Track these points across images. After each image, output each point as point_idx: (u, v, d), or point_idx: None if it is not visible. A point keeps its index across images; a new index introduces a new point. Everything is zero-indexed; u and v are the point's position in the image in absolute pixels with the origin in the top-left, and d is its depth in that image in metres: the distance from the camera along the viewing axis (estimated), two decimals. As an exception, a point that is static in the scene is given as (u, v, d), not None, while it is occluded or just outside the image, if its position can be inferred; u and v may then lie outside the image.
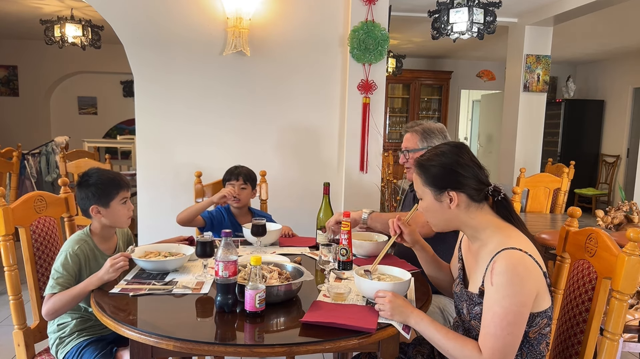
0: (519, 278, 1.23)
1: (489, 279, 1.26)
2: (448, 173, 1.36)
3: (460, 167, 1.36)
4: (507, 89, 5.63)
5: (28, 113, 7.96)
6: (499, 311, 1.22)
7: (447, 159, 1.38)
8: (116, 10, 3.23)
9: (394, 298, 1.37)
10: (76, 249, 1.74)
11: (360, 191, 3.49)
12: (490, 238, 1.35)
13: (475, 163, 1.38)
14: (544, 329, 1.33)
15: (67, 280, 1.69)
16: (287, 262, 1.75)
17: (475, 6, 3.19)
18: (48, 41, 5.10)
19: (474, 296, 1.36)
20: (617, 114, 7.78)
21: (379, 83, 3.43)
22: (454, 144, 1.43)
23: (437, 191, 1.38)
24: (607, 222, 2.75)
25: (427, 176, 1.40)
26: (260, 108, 3.48)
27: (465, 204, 1.37)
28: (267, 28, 3.39)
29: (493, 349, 1.22)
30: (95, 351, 1.70)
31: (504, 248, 1.27)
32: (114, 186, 1.82)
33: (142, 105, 3.35)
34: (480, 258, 1.37)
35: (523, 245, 1.28)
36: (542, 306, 1.30)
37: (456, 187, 1.36)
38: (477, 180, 1.36)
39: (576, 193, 7.61)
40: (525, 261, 1.25)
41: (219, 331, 1.37)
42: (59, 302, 1.65)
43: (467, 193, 1.36)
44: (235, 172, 2.48)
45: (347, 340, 1.29)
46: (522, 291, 1.22)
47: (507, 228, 1.36)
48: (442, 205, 1.38)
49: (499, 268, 1.24)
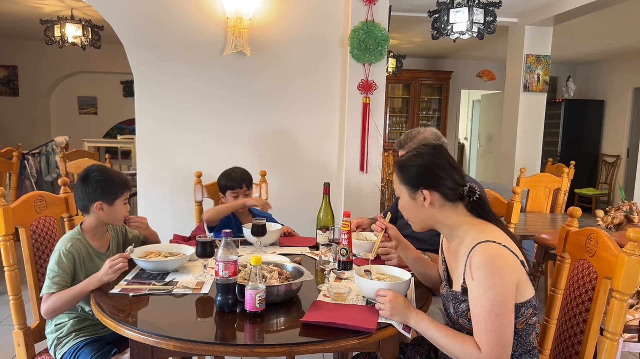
0: (497, 269, 1.26)
1: (469, 274, 1.30)
2: (423, 173, 1.42)
3: (436, 168, 1.41)
4: (507, 89, 5.63)
5: (28, 113, 7.96)
6: (485, 305, 1.24)
7: (423, 160, 1.43)
8: (116, 10, 3.23)
9: (395, 297, 1.37)
10: (69, 247, 1.74)
11: (360, 191, 3.49)
12: (466, 235, 1.39)
13: (451, 165, 1.43)
14: (530, 319, 1.35)
15: (63, 278, 1.69)
16: (287, 262, 1.76)
17: (475, 6, 3.19)
18: (48, 41, 5.10)
19: (457, 295, 1.38)
20: (617, 114, 7.78)
21: (379, 83, 3.43)
22: (432, 146, 1.48)
23: (411, 190, 1.43)
24: (607, 222, 2.75)
25: (403, 175, 1.45)
26: (261, 108, 3.48)
27: (440, 203, 1.41)
28: (267, 28, 3.39)
29: (489, 345, 1.23)
30: (92, 351, 1.70)
31: (478, 242, 1.30)
32: (122, 185, 1.84)
33: (142, 105, 3.35)
34: (458, 256, 1.41)
35: (497, 237, 1.31)
36: (526, 296, 1.32)
37: (430, 186, 1.40)
38: (452, 180, 1.40)
39: (576, 193, 7.61)
40: (501, 252, 1.28)
41: (219, 331, 1.37)
42: (57, 301, 1.65)
43: (441, 193, 1.40)
44: (237, 178, 2.45)
45: (347, 340, 1.30)
46: (503, 282, 1.25)
47: (482, 224, 1.39)
48: (416, 203, 1.43)
49: (476, 262, 1.28)
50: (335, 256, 1.84)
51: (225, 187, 2.46)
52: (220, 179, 2.50)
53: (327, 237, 2.16)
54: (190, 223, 2.92)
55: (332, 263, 1.78)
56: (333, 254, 1.81)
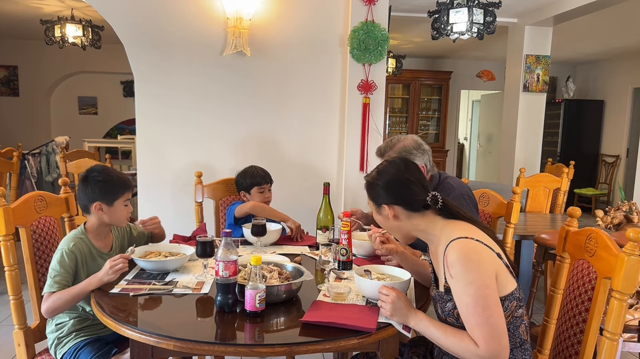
0: (472, 263, 1.28)
1: (448, 272, 1.32)
2: (383, 190, 1.47)
3: (394, 185, 1.46)
4: (507, 89, 5.63)
5: (28, 113, 7.96)
6: (469, 301, 1.26)
7: (384, 178, 1.48)
8: (116, 11, 3.23)
9: (397, 299, 1.38)
10: (72, 246, 1.74)
11: (360, 191, 3.49)
12: (440, 235, 1.42)
13: (413, 178, 1.46)
14: (516, 312, 1.36)
15: (64, 277, 1.69)
16: (287, 262, 1.76)
17: (475, 6, 3.19)
18: (48, 41, 5.10)
19: (442, 294, 1.39)
20: (616, 114, 7.78)
21: (379, 83, 3.43)
22: (393, 161, 1.53)
23: (376, 206, 1.51)
24: (607, 222, 2.75)
25: (369, 193, 1.53)
26: (261, 108, 3.48)
27: (405, 215, 1.46)
28: (267, 28, 3.40)
29: (484, 339, 1.24)
30: (91, 351, 1.70)
31: (451, 240, 1.33)
32: (121, 186, 1.83)
33: (142, 105, 3.35)
34: (438, 256, 1.43)
35: (469, 233, 1.34)
36: (508, 289, 1.33)
37: (390, 202, 1.46)
38: (412, 193, 1.44)
39: (576, 193, 7.61)
40: (475, 246, 1.31)
41: (219, 330, 1.38)
42: (58, 301, 1.65)
43: (403, 206, 1.45)
44: (262, 174, 2.54)
45: (347, 340, 1.30)
46: (481, 275, 1.27)
47: (453, 223, 1.42)
48: (383, 217, 1.50)
49: (451, 259, 1.30)
50: (335, 256, 1.84)
51: (252, 184, 2.52)
52: (244, 178, 2.55)
53: (327, 237, 2.16)
54: (191, 223, 2.92)
55: (332, 263, 1.78)
56: (333, 254, 1.81)
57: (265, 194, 2.54)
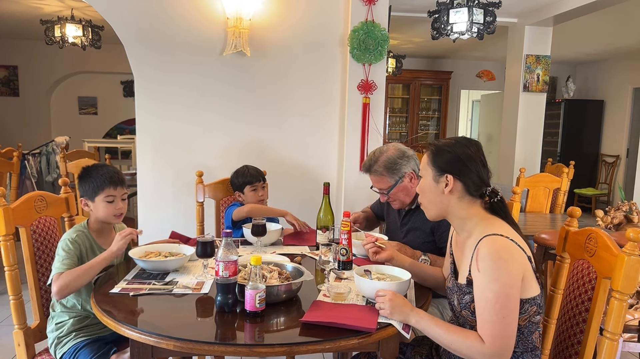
0: (502, 261, 1.27)
1: (475, 266, 1.30)
2: (453, 160, 1.42)
3: (468, 159, 1.41)
4: (507, 89, 5.63)
5: (28, 113, 7.96)
6: (490, 296, 1.25)
7: (458, 149, 1.43)
8: (116, 11, 3.23)
9: (394, 296, 1.38)
10: (74, 237, 1.77)
11: (360, 191, 3.48)
12: (474, 228, 1.40)
13: (482, 162, 1.43)
14: (534, 318, 1.35)
15: (72, 260, 1.71)
16: (287, 262, 1.76)
17: (475, 6, 3.19)
18: (48, 41, 5.10)
19: (462, 287, 1.39)
20: (616, 114, 7.78)
21: (379, 83, 3.43)
22: (470, 139, 1.48)
23: (438, 173, 1.44)
24: (607, 222, 2.75)
25: (435, 157, 1.45)
26: (261, 108, 3.48)
27: (459, 194, 1.42)
28: (267, 28, 3.40)
29: (493, 336, 1.24)
30: (91, 352, 1.70)
31: (486, 235, 1.32)
32: (101, 181, 1.82)
33: (142, 105, 3.35)
34: (466, 249, 1.42)
35: (505, 232, 1.33)
36: (531, 293, 1.33)
37: (456, 174, 1.41)
38: (478, 176, 1.41)
39: (576, 193, 7.61)
40: (508, 245, 1.30)
41: (219, 331, 1.38)
42: (69, 276, 1.64)
43: (464, 184, 1.41)
44: (254, 173, 2.55)
45: (347, 340, 1.30)
46: (508, 274, 1.26)
47: (492, 219, 1.40)
48: (437, 187, 1.44)
49: (482, 254, 1.29)
50: (335, 256, 1.84)
51: (244, 183, 2.52)
52: (236, 178, 2.56)
53: (327, 237, 2.16)
54: (191, 223, 2.92)
55: (332, 263, 1.78)
56: (333, 254, 1.81)
57: (258, 192, 2.54)
